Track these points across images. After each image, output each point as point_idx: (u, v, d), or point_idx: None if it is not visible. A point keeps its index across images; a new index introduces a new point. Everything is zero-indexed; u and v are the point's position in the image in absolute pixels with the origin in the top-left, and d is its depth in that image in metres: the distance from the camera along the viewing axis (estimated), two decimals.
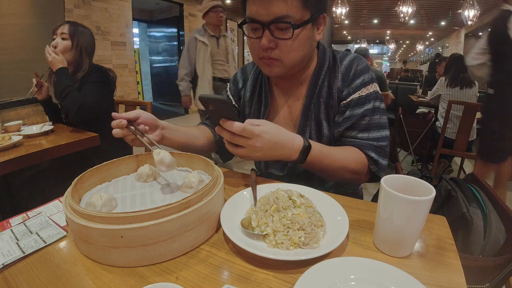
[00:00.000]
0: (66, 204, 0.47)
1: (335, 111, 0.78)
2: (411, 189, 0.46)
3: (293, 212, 0.50)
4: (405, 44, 16.00)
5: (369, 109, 0.73)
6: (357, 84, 0.75)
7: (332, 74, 0.79)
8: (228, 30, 7.67)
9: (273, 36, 0.67)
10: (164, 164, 0.59)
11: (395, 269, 0.40)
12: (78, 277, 0.42)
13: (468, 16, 5.00)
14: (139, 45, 7.16)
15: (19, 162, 1.09)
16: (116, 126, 0.62)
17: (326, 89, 0.78)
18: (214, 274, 0.43)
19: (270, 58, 0.71)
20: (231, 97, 0.93)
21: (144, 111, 0.68)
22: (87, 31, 1.55)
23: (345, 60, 0.78)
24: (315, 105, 0.79)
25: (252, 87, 0.88)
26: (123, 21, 4.53)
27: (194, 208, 0.46)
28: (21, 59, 3.02)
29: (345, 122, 0.75)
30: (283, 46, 0.68)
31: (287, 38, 0.67)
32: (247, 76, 0.91)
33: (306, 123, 0.79)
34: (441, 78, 2.75)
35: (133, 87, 4.96)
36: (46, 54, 1.39)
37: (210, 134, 0.90)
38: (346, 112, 0.75)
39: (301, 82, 0.82)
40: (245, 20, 0.71)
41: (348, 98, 0.75)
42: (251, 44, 0.73)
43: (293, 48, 0.69)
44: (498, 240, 0.72)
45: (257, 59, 0.74)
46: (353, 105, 0.75)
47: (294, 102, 0.83)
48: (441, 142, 2.45)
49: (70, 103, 1.34)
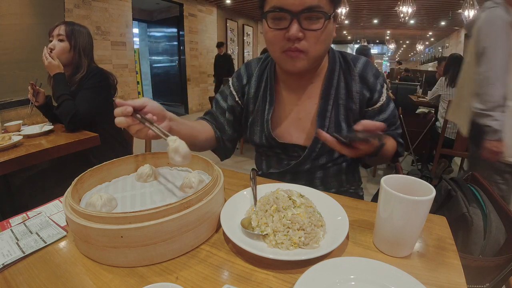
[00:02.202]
0: (66, 204, 0.47)
1: (356, 114, 0.79)
2: (411, 189, 0.46)
3: (293, 212, 0.50)
4: (405, 44, 16.00)
5: (393, 109, 0.82)
6: (380, 88, 0.79)
7: (348, 76, 0.78)
8: (228, 30, 7.68)
9: (301, 27, 0.65)
10: (180, 154, 0.53)
11: (395, 269, 0.40)
12: (78, 277, 0.42)
13: (468, 16, 5.00)
14: (139, 45, 7.17)
15: (19, 162, 1.09)
16: (121, 114, 0.56)
17: (344, 91, 0.78)
18: (214, 274, 0.43)
19: (296, 50, 0.68)
20: (234, 93, 0.89)
21: (150, 99, 0.62)
22: (84, 30, 1.51)
23: (359, 62, 0.79)
24: (333, 107, 0.78)
25: (257, 84, 0.86)
26: (123, 21, 4.53)
27: (194, 208, 0.46)
28: (21, 59, 3.02)
29: (385, 122, 0.77)
30: (311, 38, 0.67)
31: (316, 29, 0.65)
32: (252, 72, 0.88)
33: (324, 124, 0.78)
34: (441, 78, 2.76)
35: (133, 87, 4.97)
36: (43, 58, 1.38)
37: (211, 130, 0.87)
38: (379, 116, 0.80)
39: (312, 81, 0.81)
40: (270, 10, 0.67)
41: (377, 104, 0.79)
42: (274, 36, 0.69)
43: (320, 40, 0.68)
44: (498, 240, 0.72)
45: (279, 52, 0.70)
46: (384, 109, 0.80)
47: (305, 101, 0.81)
48: (441, 142, 2.45)
49: (63, 113, 1.35)
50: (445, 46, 11.14)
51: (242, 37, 8.51)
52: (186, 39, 6.23)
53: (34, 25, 3.13)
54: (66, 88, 1.38)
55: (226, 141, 0.91)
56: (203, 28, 6.74)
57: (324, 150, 0.79)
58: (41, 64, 1.40)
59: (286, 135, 0.82)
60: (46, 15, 3.28)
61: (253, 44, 9.20)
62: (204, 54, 6.86)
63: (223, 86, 0.96)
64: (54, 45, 1.41)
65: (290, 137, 0.82)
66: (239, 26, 8.28)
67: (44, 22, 3.17)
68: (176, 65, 6.72)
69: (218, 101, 0.92)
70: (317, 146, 0.78)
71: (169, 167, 0.72)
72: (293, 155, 0.83)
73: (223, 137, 0.90)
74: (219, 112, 0.91)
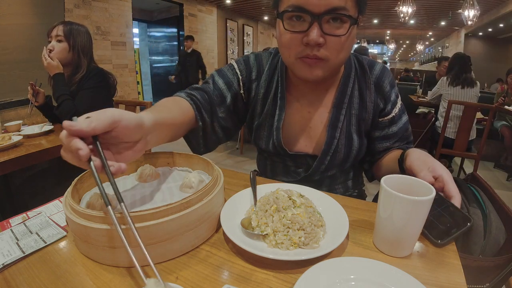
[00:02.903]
0: (66, 204, 0.47)
1: (367, 125, 0.75)
2: (411, 189, 0.46)
3: (293, 212, 0.50)
4: (405, 44, 16.00)
5: (405, 122, 0.77)
6: (394, 98, 0.74)
7: (363, 83, 0.73)
8: (228, 30, 7.68)
9: (322, 31, 0.57)
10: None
11: (395, 269, 0.40)
12: (78, 277, 0.42)
13: (468, 16, 5.00)
14: (139, 45, 7.16)
15: (19, 162, 1.09)
16: (70, 149, 0.36)
17: (357, 100, 0.73)
18: (214, 274, 0.43)
19: (315, 58, 0.59)
20: (241, 84, 0.77)
21: (122, 111, 0.40)
22: (83, 29, 1.50)
23: (375, 69, 0.73)
24: (346, 117, 0.72)
25: (267, 84, 0.77)
26: (123, 21, 4.53)
27: (194, 208, 0.46)
28: (21, 59, 3.02)
29: (391, 138, 0.76)
30: (334, 44, 0.58)
31: (340, 34, 0.57)
32: (262, 67, 0.78)
33: (334, 135, 0.72)
34: (442, 78, 2.75)
35: (133, 87, 4.97)
36: (42, 58, 1.38)
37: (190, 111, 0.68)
38: (389, 128, 0.75)
39: (326, 88, 0.74)
40: (288, 10, 0.58)
41: (390, 115, 0.74)
42: (289, 40, 0.60)
43: (344, 47, 0.60)
44: (498, 240, 0.72)
45: (295, 58, 0.62)
46: (395, 121, 0.75)
47: (317, 110, 0.75)
48: (441, 142, 2.45)
49: (63, 112, 1.35)
50: (445, 46, 11.14)
51: (242, 37, 8.51)
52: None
53: (34, 25, 3.13)
54: (66, 88, 1.39)
55: (216, 127, 0.76)
56: (203, 28, 6.74)
57: (333, 163, 0.75)
58: (41, 64, 1.40)
59: (295, 143, 0.78)
60: (46, 15, 3.28)
61: (253, 44, 9.19)
62: (204, 54, 6.85)
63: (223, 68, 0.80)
64: (53, 46, 1.41)
65: (299, 145, 0.77)
66: (239, 26, 8.28)
67: (44, 22, 3.18)
68: (176, 65, 6.72)
69: (216, 82, 0.77)
70: (327, 159, 0.74)
71: (169, 167, 0.72)
72: (301, 162, 0.79)
73: (214, 122, 0.75)
74: (216, 94, 0.75)
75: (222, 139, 0.80)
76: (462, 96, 2.62)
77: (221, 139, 0.80)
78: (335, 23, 0.57)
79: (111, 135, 0.39)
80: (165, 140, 0.59)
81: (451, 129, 2.53)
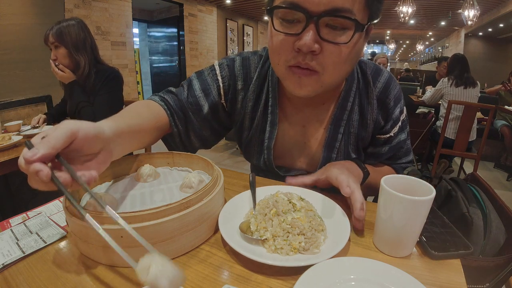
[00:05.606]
0: (66, 204, 0.47)
1: (365, 142, 0.70)
2: (411, 189, 0.46)
3: (293, 216, 0.49)
4: (405, 44, 16.00)
5: (398, 141, 0.70)
6: (397, 115, 0.67)
7: (365, 99, 0.64)
8: (228, 30, 7.68)
9: (319, 36, 0.47)
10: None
11: (395, 269, 0.40)
12: (78, 277, 0.42)
13: (468, 16, 5.00)
14: (139, 45, 7.17)
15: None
16: (32, 175, 0.34)
17: (357, 117, 0.65)
18: (214, 274, 0.43)
19: (307, 68, 0.50)
20: (222, 93, 0.68)
21: (80, 123, 0.39)
22: (72, 22, 1.43)
23: (379, 81, 0.64)
24: (344, 136, 0.66)
25: (256, 96, 0.67)
26: (123, 21, 4.53)
27: (194, 208, 0.46)
28: (21, 59, 3.02)
29: (379, 157, 0.73)
30: (332, 54, 0.48)
31: (340, 42, 0.47)
32: (250, 75, 0.68)
33: (331, 156, 0.66)
34: (443, 79, 2.75)
35: (133, 87, 4.97)
36: (53, 73, 1.41)
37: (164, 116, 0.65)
38: (383, 147, 0.70)
39: (323, 101, 0.66)
40: (280, 5, 0.47)
41: (387, 135, 0.68)
42: (281, 42, 0.50)
43: (344, 59, 0.49)
44: (498, 240, 0.72)
45: (284, 66, 0.52)
46: (391, 140, 0.70)
47: (312, 125, 0.68)
48: (441, 142, 2.45)
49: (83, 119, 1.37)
50: (445, 46, 11.13)
51: (242, 37, 8.50)
52: (186, 39, 6.24)
53: (34, 25, 3.13)
54: (83, 95, 1.40)
55: (192, 136, 0.71)
56: (203, 28, 6.74)
57: None
58: (41, 64, 1.42)
59: (288, 159, 0.72)
60: (46, 15, 3.28)
61: (253, 44, 9.19)
62: (204, 54, 6.86)
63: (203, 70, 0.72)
64: (55, 55, 1.42)
65: (293, 161, 0.72)
66: (239, 26, 8.28)
67: (44, 22, 3.17)
68: (176, 65, 6.73)
69: (192, 87, 0.69)
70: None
71: (169, 167, 0.72)
72: None
73: (189, 131, 0.70)
74: (190, 102, 0.68)
75: (201, 147, 0.75)
76: (465, 96, 2.62)
77: (197, 148, 0.75)
78: (335, 28, 0.47)
79: (70, 148, 0.37)
80: (133, 148, 0.55)
81: (451, 129, 2.53)
